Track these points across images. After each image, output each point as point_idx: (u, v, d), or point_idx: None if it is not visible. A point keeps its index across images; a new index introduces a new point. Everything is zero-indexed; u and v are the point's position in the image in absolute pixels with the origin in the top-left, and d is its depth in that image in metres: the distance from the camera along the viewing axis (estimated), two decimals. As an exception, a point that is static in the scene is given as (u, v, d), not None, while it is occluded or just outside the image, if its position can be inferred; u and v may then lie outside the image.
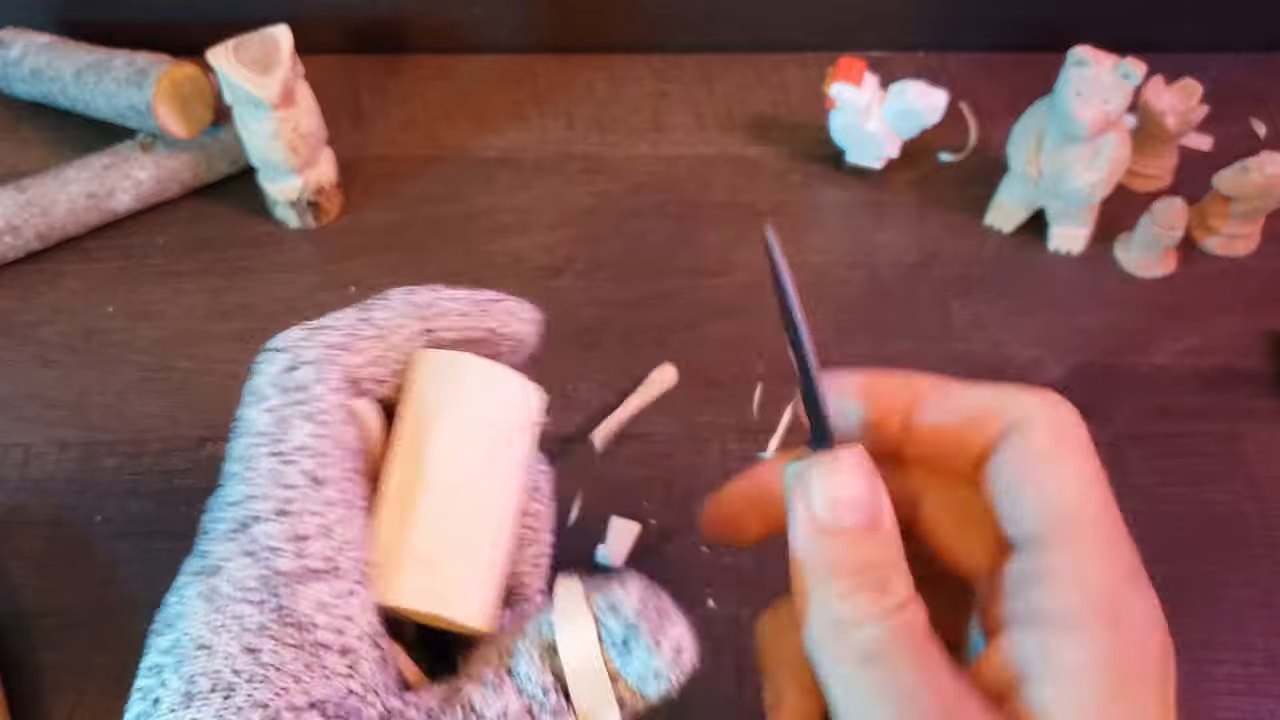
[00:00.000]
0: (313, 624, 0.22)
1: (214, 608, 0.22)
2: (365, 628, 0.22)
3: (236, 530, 0.23)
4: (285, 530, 0.22)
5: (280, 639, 0.21)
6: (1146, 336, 0.53)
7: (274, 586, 0.22)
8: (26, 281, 0.54)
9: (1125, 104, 0.49)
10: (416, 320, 0.26)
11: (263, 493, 0.23)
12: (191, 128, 0.54)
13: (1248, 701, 0.43)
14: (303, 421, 0.24)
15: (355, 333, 0.25)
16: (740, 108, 0.62)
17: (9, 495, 0.47)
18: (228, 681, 0.21)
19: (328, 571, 0.22)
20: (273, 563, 0.22)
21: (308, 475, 0.23)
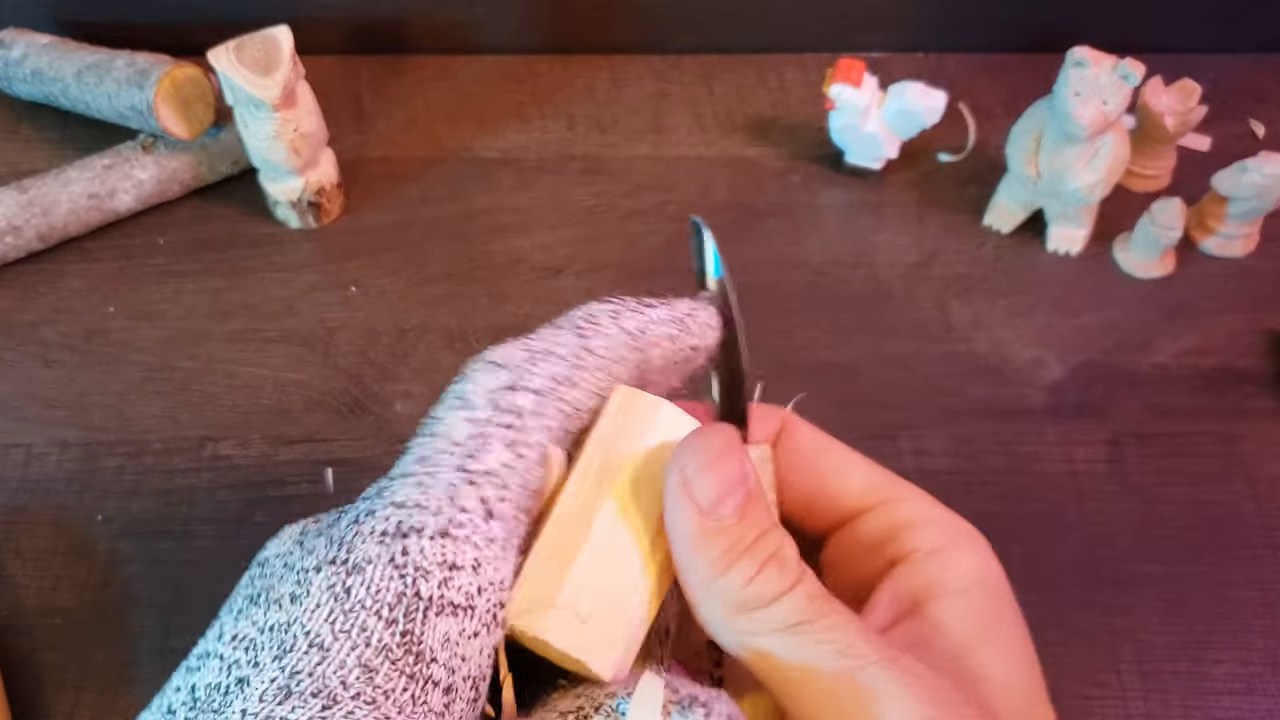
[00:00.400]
0: (434, 659, 0.21)
1: (342, 609, 0.21)
2: (474, 671, 0.21)
3: (391, 535, 0.21)
4: (442, 554, 0.21)
5: (398, 665, 0.20)
6: (1145, 336, 0.53)
7: (409, 609, 0.21)
8: (27, 281, 0.54)
9: (1124, 105, 0.49)
10: (634, 351, 0.24)
11: (435, 506, 0.22)
12: (192, 128, 0.54)
13: (1246, 701, 0.43)
14: (503, 448, 0.22)
15: (580, 364, 0.24)
16: (740, 109, 0.62)
17: (10, 495, 0.47)
18: (332, 692, 0.20)
19: (464, 609, 0.21)
20: (417, 584, 0.21)
21: (484, 504, 0.22)
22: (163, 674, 0.44)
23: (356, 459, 0.48)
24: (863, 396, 0.51)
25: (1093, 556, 0.46)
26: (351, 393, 0.50)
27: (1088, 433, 0.50)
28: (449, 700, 0.21)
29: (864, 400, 0.51)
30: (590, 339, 0.24)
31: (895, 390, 0.51)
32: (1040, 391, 0.51)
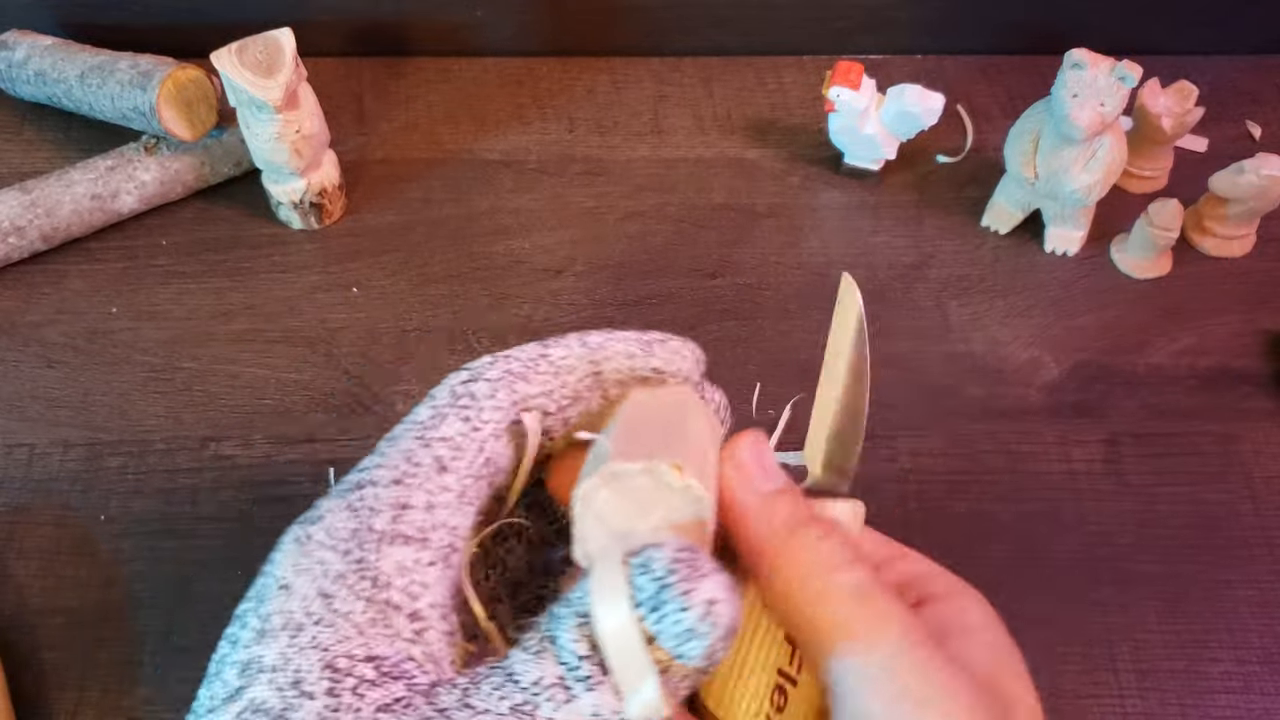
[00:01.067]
0: (389, 583, 0.22)
1: (303, 551, 0.23)
2: (439, 599, 0.23)
3: (349, 489, 0.24)
4: (393, 496, 0.23)
5: (355, 590, 0.22)
6: (1143, 337, 0.53)
7: (363, 540, 0.23)
8: (31, 282, 0.54)
9: (1121, 106, 0.49)
10: (588, 363, 0.27)
11: (390, 464, 0.24)
12: (195, 130, 0.54)
13: (1243, 699, 0.43)
14: (457, 420, 0.25)
15: (534, 366, 0.27)
16: (739, 110, 0.62)
17: (14, 495, 0.47)
18: (298, 621, 0.22)
19: (418, 539, 0.23)
20: (369, 520, 0.23)
21: (437, 460, 0.24)
22: (166, 672, 0.45)
23: (358, 459, 0.48)
24: (861, 397, 0.51)
25: (1090, 556, 0.46)
26: (353, 393, 0.51)
27: (1085, 432, 0.50)
28: (420, 627, 0.22)
29: (863, 400, 0.51)
30: (550, 348, 0.27)
31: (894, 390, 0.51)
32: (1038, 391, 0.51)
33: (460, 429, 0.25)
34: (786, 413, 0.50)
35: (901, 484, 0.48)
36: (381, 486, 0.24)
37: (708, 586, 0.20)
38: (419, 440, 0.25)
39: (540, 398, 0.26)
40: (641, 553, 0.21)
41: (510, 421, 0.26)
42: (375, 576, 0.22)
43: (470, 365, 0.27)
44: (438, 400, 0.26)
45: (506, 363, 0.27)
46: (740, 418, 0.50)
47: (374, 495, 0.24)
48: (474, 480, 0.25)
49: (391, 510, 0.23)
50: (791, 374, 0.52)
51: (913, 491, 0.48)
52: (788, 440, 0.49)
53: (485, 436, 0.25)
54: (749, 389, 0.51)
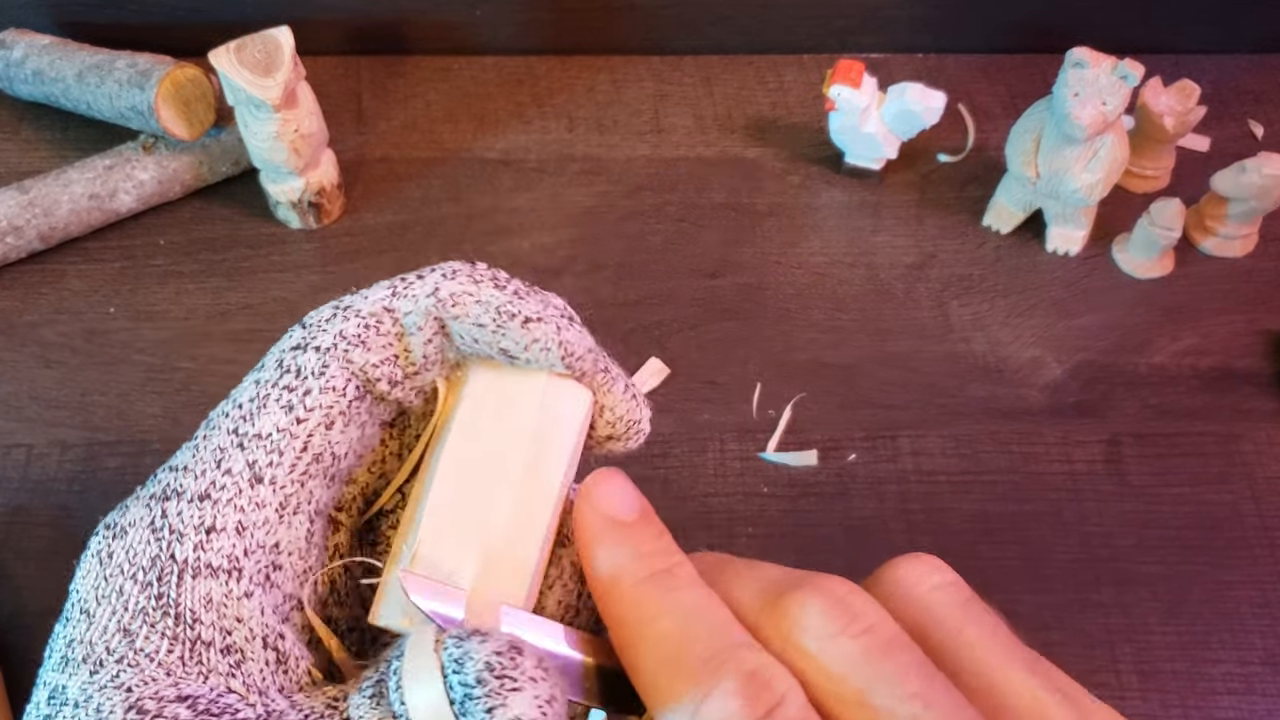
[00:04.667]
0: (195, 620, 0.20)
1: (104, 574, 0.21)
2: (258, 630, 0.21)
3: (156, 498, 0.22)
4: (199, 517, 0.21)
5: (157, 628, 0.20)
6: (1145, 337, 0.53)
7: (163, 571, 0.21)
8: (28, 282, 0.54)
9: (1123, 105, 0.49)
10: (434, 319, 0.23)
11: (199, 468, 0.22)
12: (193, 129, 0.54)
13: (1245, 700, 0.43)
14: (278, 409, 0.22)
15: (375, 325, 0.23)
16: (740, 109, 0.62)
17: (11, 496, 0.47)
18: (99, 657, 0.20)
19: (227, 571, 0.21)
20: (171, 546, 0.21)
21: (252, 468, 0.22)
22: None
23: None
24: (862, 396, 0.51)
25: (1091, 556, 0.46)
26: (352, 393, 0.50)
27: (1086, 433, 0.50)
28: (236, 660, 0.20)
29: (863, 400, 0.51)
30: (397, 297, 0.23)
31: (895, 390, 0.51)
32: (1039, 392, 0.51)
33: (281, 422, 0.22)
34: (787, 413, 0.50)
35: (902, 484, 0.48)
36: (187, 502, 0.21)
37: (516, 704, 0.19)
38: (233, 437, 0.22)
39: (384, 366, 0.23)
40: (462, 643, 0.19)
41: (351, 400, 0.23)
42: (179, 614, 0.20)
43: (309, 317, 0.23)
44: (264, 372, 0.23)
45: (344, 321, 0.23)
46: (740, 417, 0.50)
47: (178, 514, 0.21)
48: (300, 485, 0.22)
49: (196, 534, 0.21)
50: (791, 374, 0.52)
51: (914, 491, 0.48)
52: (788, 441, 0.49)
53: (312, 428, 0.22)
54: (749, 389, 0.51)
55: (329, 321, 0.23)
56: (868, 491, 0.48)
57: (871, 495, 0.48)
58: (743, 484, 0.48)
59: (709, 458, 0.48)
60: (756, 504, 0.47)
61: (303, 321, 0.23)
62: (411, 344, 0.23)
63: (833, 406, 0.50)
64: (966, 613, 0.21)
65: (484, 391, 0.24)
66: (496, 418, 0.23)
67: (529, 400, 0.24)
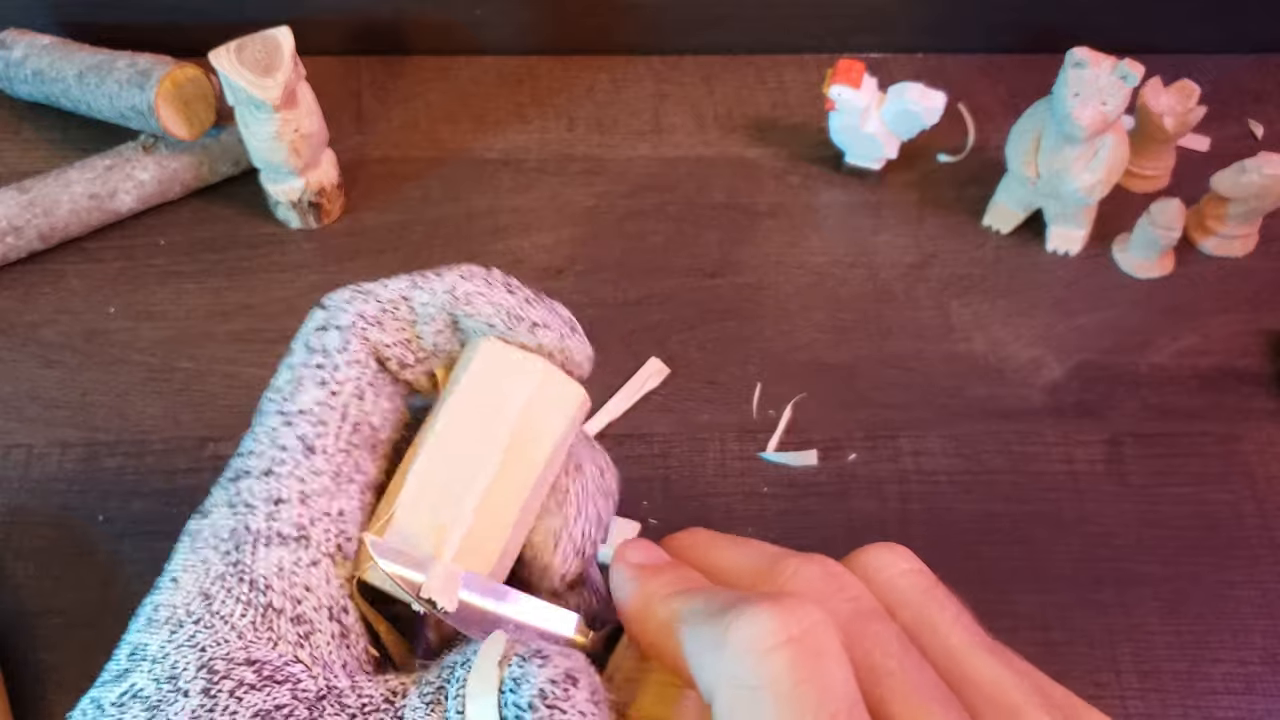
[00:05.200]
0: (268, 586, 0.22)
1: (191, 548, 0.23)
2: (325, 600, 0.22)
3: (230, 479, 0.24)
4: (266, 490, 0.23)
5: (233, 593, 0.22)
6: (1145, 336, 0.53)
7: (240, 541, 0.22)
8: (28, 282, 0.54)
9: (1123, 105, 0.49)
10: (446, 313, 0.25)
11: (259, 449, 0.24)
12: (193, 129, 0.54)
13: (1245, 701, 0.43)
14: (314, 386, 0.24)
15: (392, 310, 0.25)
16: (740, 109, 0.62)
17: (11, 496, 0.47)
18: (179, 618, 0.22)
19: (296, 539, 0.22)
20: (245, 519, 0.23)
21: (303, 441, 0.23)
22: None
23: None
24: (862, 396, 0.51)
25: (1092, 556, 0.46)
26: (352, 393, 0.50)
27: (1087, 433, 0.50)
28: (305, 631, 0.22)
29: (864, 400, 0.51)
30: (416, 289, 0.25)
31: (895, 390, 0.51)
32: (1039, 392, 0.51)
33: (318, 396, 0.24)
34: (787, 413, 0.50)
35: (902, 484, 0.48)
36: (255, 478, 0.23)
37: None
38: (281, 417, 0.24)
39: (396, 348, 0.25)
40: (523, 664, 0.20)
41: (374, 372, 0.24)
42: (253, 580, 0.22)
43: (329, 298, 0.25)
44: (294, 356, 0.25)
45: (364, 302, 0.25)
46: (740, 417, 0.50)
47: (249, 489, 0.23)
48: (346, 455, 0.24)
49: (265, 506, 0.23)
50: (792, 374, 0.52)
51: (914, 491, 0.48)
52: (788, 441, 0.49)
53: (346, 400, 0.24)
54: (749, 389, 0.51)
55: (348, 302, 0.25)
56: (868, 491, 0.48)
57: (872, 495, 0.48)
58: (743, 484, 0.48)
59: (709, 458, 0.48)
60: (756, 504, 0.47)
61: (322, 303, 0.25)
62: (423, 332, 0.25)
63: (833, 406, 0.50)
64: (930, 597, 0.22)
65: (482, 371, 0.25)
66: (490, 397, 0.25)
67: (523, 387, 0.25)
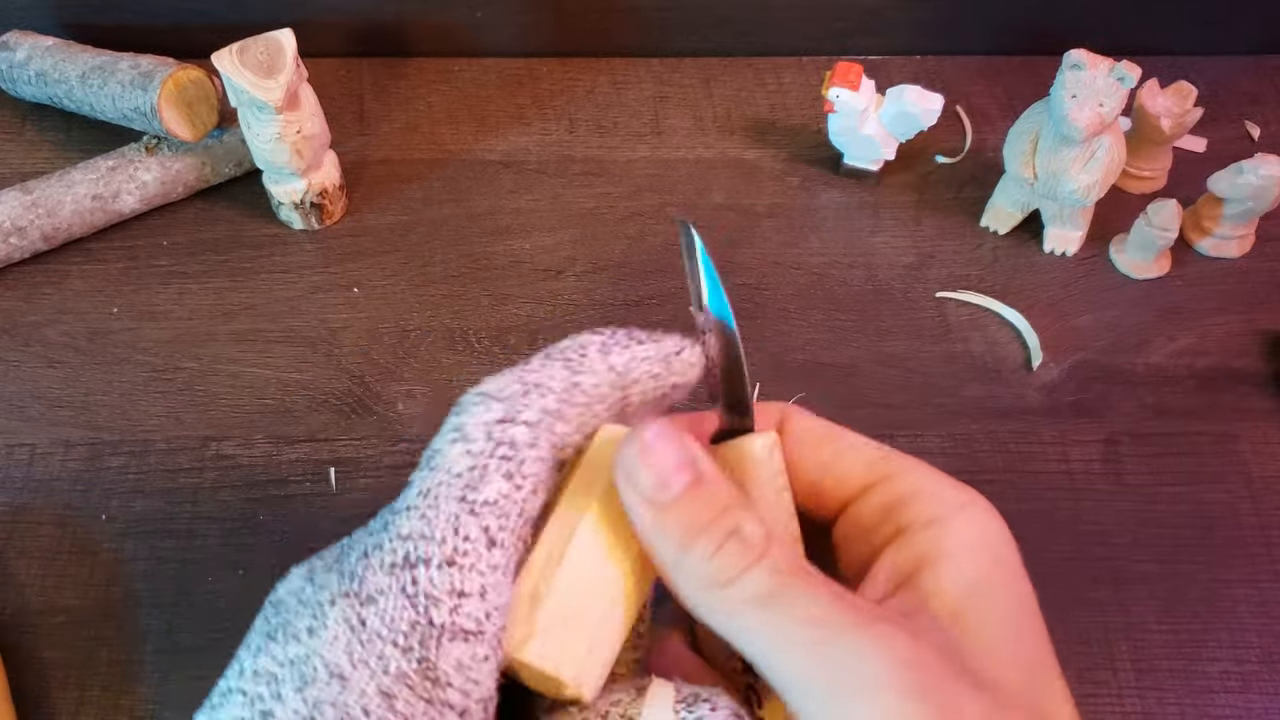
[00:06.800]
0: (449, 683, 0.22)
1: (359, 639, 0.22)
2: (485, 693, 0.22)
3: (400, 566, 0.22)
4: (449, 582, 0.22)
5: (416, 691, 0.21)
6: (1142, 337, 0.54)
7: (424, 637, 0.22)
8: (32, 282, 0.54)
9: (1120, 107, 0.49)
10: (618, 390, 0.25)
11: (439, 536, 0.22)
12: (196, 130, 0.54)
13: (1242, 699, 0.43)
14: (501, 479, 0.23)
15: (569, 399, 0.24)
16: (739, 111, 0.63)
17: (15, 495, 0.47)
18: (355, 717, 0.21)
19: (475, 634, 0.22)
20: (429, 612, 0.22)
21: (487, 533, 0.23)
22: (167, 672, 0.45)
23: (359, 458, 0.48)
24: (860, 396, 0.51)
25: (1089, 555, 0.46)
26: (354, 393, 0.51)
27: (1083, 432, 0.50)
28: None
29: (861, 400, 0.51)
30: (580, 375, 0.25)
31: (892, 390, 0.51)
32: (1036, 391, 0.51)
33: (504, 490, 0.23)
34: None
35: (901, 484, 0.48)
36: (435, 569, 0.22)
37: None
38: (465, 505, 0.23)
39: (575, 435, 0.25)
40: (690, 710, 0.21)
41: (550, 469, 0.24)
42: (436, 678, 0.21)
43: (496, 390, 0.24)
44: (473, 444, 0.23)
45: (543, 398, 0.24)
46: (740, 417, 0.50)
47: (429, 579, 0.22)
48: (516, 550, 0.23)
49: (450, 600, 0.22)
50: (791, 374, 0.52)
51: (912, 491, 0.48)
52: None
53: (526, 495, 0.23)
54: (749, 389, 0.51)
55: (524, 398, 0.24)
56: (866, 490, 0.48)
57: (870, 494, 0.48)
58: (742, 483, 0.48)
59: (708, 457, 0.49)
60: (756, 503, 0.47)
61: (487, 391, 0.24)
62: (598, 410, 0.25)
63: (832, 406, 0.51)
64: None
65: None
66: None
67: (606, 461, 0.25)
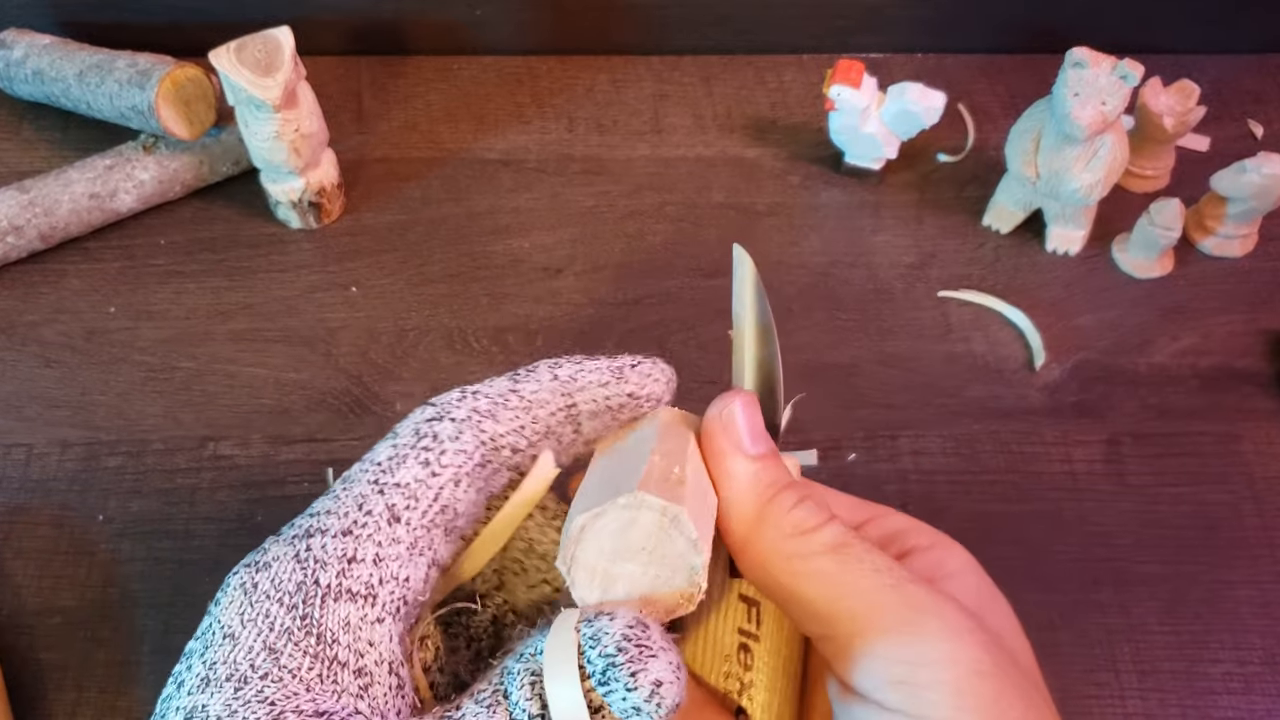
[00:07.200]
0: (335, 640, 0.22)
1: (249, 601, 0.23)
2: (386, 655, 0.23)
3: (299, 536, 0.24)
4: (340, 548, 0.23)
5: (300, 645, 0.22)
6: (1144, 336, 0.53)
7: (308, 595, 0.23)
8: (29, 281, 0.54)
9: (1123, 105, 0.49)
10: (561, 396, 0.27)
11: (341, 511, 0.24)
12: (194, 129, 0.54)
13: (1244, 700, 0.43)
14: (418, 466, 0.25)
15: (503, 402, 0.26)
16: (739, 109, 0.62)
17: (11, 495, 0.47)
18: (243, 674, 0.22)
19: (364, 596, 0.23)
20: (316, 574, 0.23)
21: (390, 509, 0.24)
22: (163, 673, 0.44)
23: (357, 458, 0.48)
24: (862, 396, 0.51)
25: (1091, 556, 0.46)
26: (352, 392, 0.50)
27: (1086, 432, 0.50)
28: (365, 683, 0.22)
29: (863, 400, 0.51)
30: (521, 383, 0.27)
31: (894, 390, 0.51)
32: (1039, 392, 0.51)
33: (418, 474, 0.25)
34: (787, 413, 0.50)
35: (902, 484, 0.48)
36: (330, 537, 0.23)
37: (655, 668, 0.21)
38: (374, 485, 0.24)
39: (510, 435, 0.26)
40: (594, 623, 0.21)
41: (475, 464, 0.25)
42: (321, 634, 0.22)
43: (438, 399, 0.26)
44: (399, 439, 0.25)
45: (475, 400, 0.26)
46: (740, 418, 0.50)
47: (321, 547, 0.23)
48: (426, 530, 0.24)
49: (339, 564, 0.23)
50: (792, 374, 0.51)
51: (913, 491, 0.48)
52: (789, 441, 0.49)
53: (444, 483, 0.25)
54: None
55: (460, 400, 0.26)
56: (867, 491, 0.48)
57: (871, 495, 0.47)
58: (742, 483, 0.48)
59: (709, 457, 0.49)
60: (756, 503, 0.47)
61: (431, 401, 0.26)
62: (538, 415, 0.27)
63: (833, 406, 0.51)
64: None
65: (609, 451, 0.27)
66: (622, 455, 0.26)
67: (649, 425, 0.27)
